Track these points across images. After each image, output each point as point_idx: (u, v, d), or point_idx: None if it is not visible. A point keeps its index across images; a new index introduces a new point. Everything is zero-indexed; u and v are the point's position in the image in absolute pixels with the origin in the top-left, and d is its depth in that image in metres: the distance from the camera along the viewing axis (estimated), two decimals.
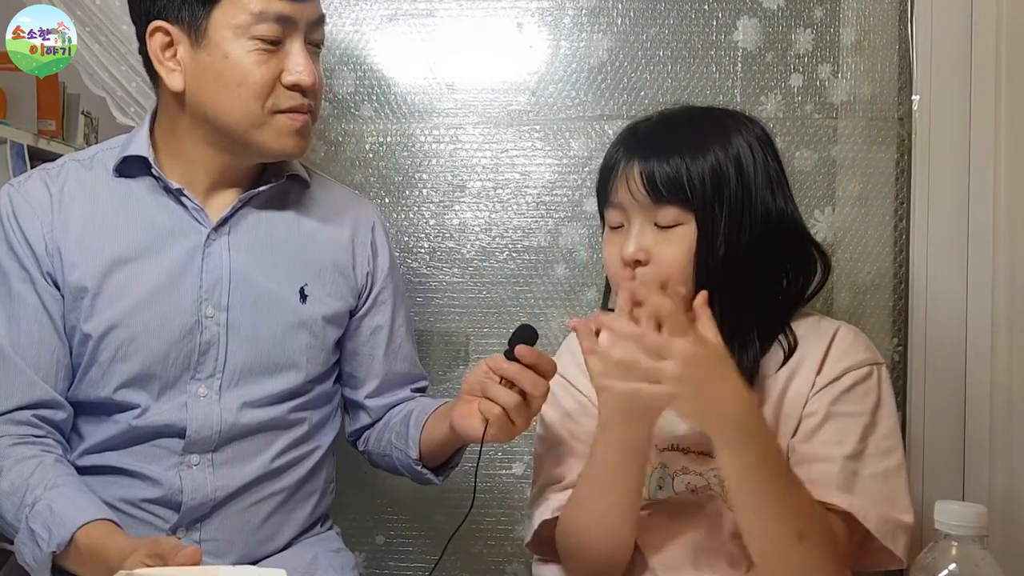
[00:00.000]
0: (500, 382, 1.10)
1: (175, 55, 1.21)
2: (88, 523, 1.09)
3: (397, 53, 1.67)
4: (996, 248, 1.51)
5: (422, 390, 1.45)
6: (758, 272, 1.09)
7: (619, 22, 1.64)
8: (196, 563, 0.97)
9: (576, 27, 1.65)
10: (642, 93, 1.64)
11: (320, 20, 1.25)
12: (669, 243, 1.07)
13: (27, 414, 1.18)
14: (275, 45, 1.19)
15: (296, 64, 1.20)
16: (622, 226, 1.10)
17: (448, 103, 1.67)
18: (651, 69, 1.64)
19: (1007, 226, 1.50)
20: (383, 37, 1.68)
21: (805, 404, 1.08)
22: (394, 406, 1.40)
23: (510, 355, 1.10)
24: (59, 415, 1.21)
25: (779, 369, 1.10)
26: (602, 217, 1.16)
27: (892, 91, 1.60)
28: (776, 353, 1.12)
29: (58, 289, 1.21)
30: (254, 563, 1.27)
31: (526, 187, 1.66)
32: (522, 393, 1.09)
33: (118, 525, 1.12)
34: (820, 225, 1.61)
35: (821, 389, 1.08)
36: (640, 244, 1.07)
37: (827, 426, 1.07)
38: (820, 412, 1.07)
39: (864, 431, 1.06)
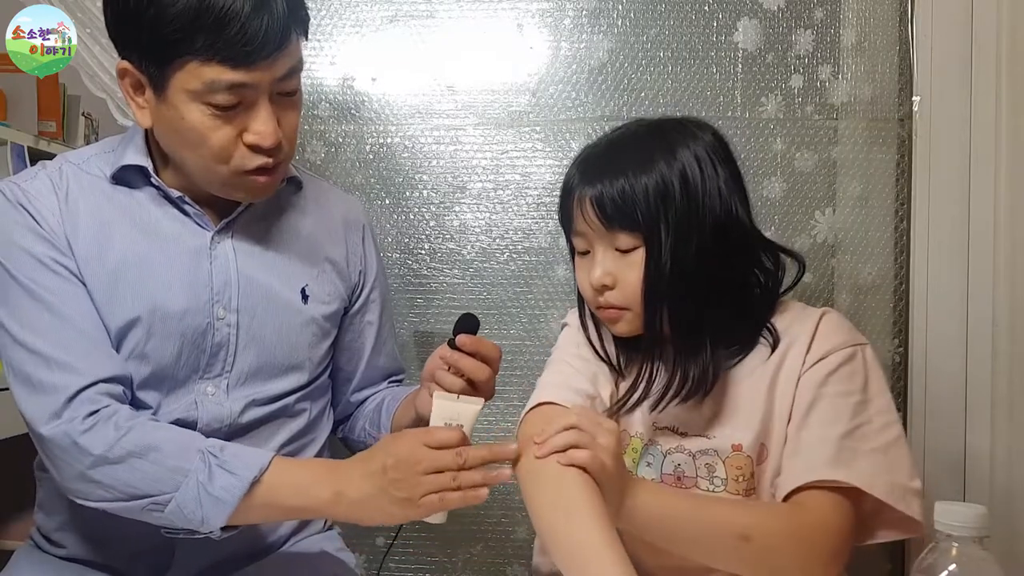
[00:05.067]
0: (448, 370, 1.19)
1: (144, 94, 1.18)
2: (275, 457, 1.12)
3: (397, 54, 1.68)
4: (997, 249, 1.51)
5: (399, 382, 1.48)
6: (712, 282, 1.11)
7: (619, 23, 1.64)
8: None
9: (576, 28, 1.65)
10: (642, 94, 1.64)
11: (291, 73, 1.17)
12: (630, 267, 1.11)
13: (118, 388, 1.16)
14: (232, 109, 1.14)
15: (257, 124, 1.15)
16: (588, 252, 1.15)
17: (448, 104, 1.68)
18: (651, 70, 1.64)
19: (1008, 227, 1.50)
20: (383, 38, 1.68)
21: (798, 382, 1.11)
22: (369, 396, 1.43)
23: (453, 344, 1.19)
24: (129, 396, 1.19)
25: (768, 359, 1.13)
26: (569, 242, 1.20)
27: (892, 92, 1.60)
28: (760, 350, 1.15)
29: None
30: (254, 558, 1.28)
31: (527, 188, 1.67)
32: (470, 380, 1.18)
33: None
34: (820, 226, 1.61)
35: (811, 367, 1.10)
36: (605, 270, 1.13)
37: (819, 407, 1.08)
38: (810, 394, 1.09)
39: (856, 409, 1.07)
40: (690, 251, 1.09)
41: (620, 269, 1.12)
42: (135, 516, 1.11)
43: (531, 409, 1.17)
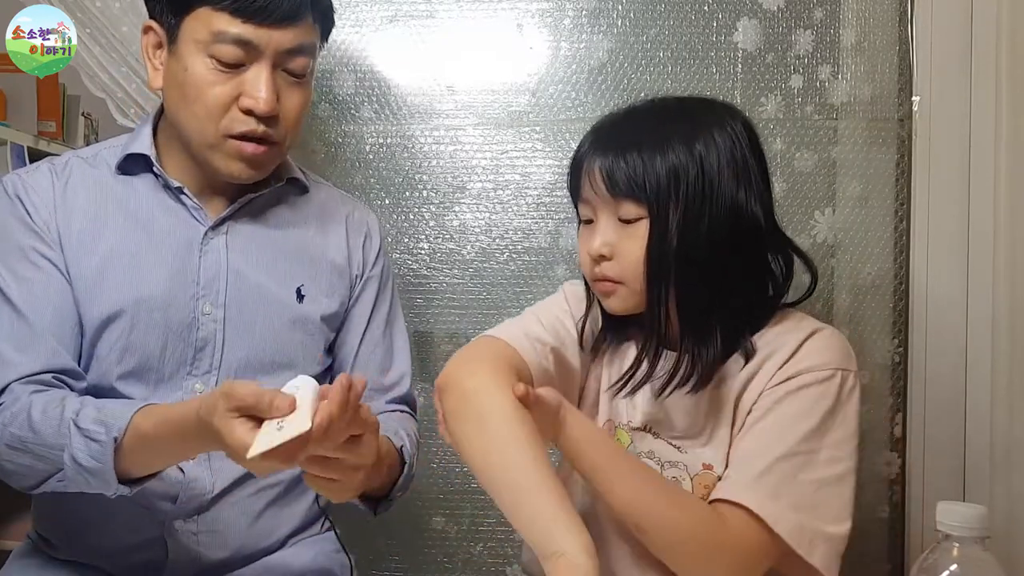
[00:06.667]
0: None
1: (161, 56, 1.22)
2: (141, 408, 1.06)
3: (397, 54, 1.67)
4: (996, 249, 1.51)
5: (402, 401, 1.40)
6: (723, 270, 1.06)
7: (619, 23, 1.64)
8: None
9: (576, 28, 1.65)
10: (642, 94, 1.61)
11: (299, 51, 1.20)
12: (631, 238, 1.07)
13: (49, 377, 1.16)
14: (235, 68, 1.17)
15: (253, 89, 1.17)
16: (592, 221, 1.12)
17: (448, 104, 1.68)
18: (651, 70, 1.64)
19: (1008, 227, 1.50)
20: (383, 38, 1.68)
21: (760, 394, 1.06)
22: None
23: None
24: (79, 385, 1.19)
25: (742, 369, 1.09)
26: (577, 212, 1.16)
27: (892, 92, 1.60)
28: (737, 359, 1.10)
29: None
30: (250, 560, 1.27)
31: (526, 188, 1.66)
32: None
33: None
34: (820, 226, 1.61)
35: (780, 383, 1.05)
36: (605, 240, 1.09)
37: (767, 421, 1.04)
38: (765, 407, 1.05)
39: (807, 434, 1.02)
40: (700, 234, 1.04)
41: (621, 240, 1.08)
42: (73, 490, 1.11)
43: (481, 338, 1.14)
